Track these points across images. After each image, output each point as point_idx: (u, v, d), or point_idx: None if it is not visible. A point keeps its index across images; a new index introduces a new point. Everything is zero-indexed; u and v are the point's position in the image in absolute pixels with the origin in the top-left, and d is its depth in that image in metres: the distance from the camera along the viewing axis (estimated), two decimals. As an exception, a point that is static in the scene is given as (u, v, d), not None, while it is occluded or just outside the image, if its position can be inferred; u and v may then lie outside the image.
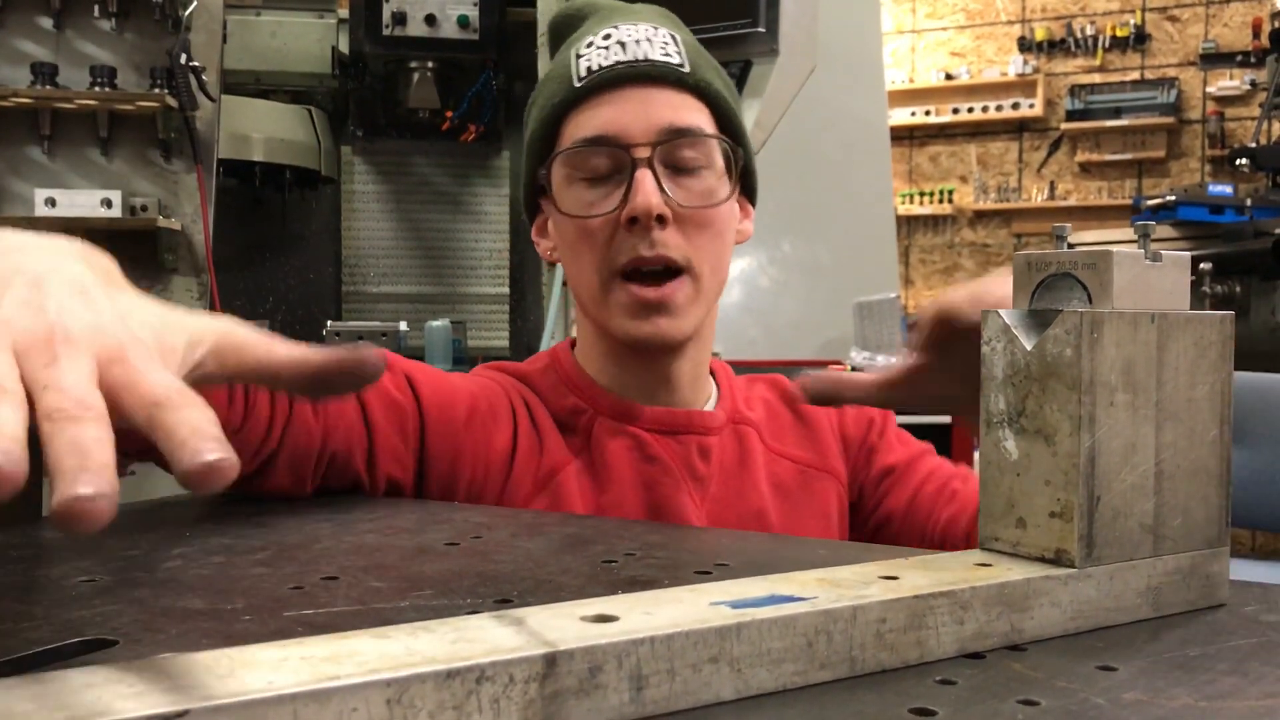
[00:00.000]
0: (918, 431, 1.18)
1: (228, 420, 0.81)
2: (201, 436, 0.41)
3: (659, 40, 1.01)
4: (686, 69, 1.01)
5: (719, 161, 1.02)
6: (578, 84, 1.00)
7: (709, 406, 1.09)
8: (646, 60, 0.99)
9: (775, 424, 1.11)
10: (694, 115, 1.01)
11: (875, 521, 1.10)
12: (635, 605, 0.44)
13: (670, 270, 0.98)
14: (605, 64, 0.99)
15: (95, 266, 0.51)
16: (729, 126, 1.04)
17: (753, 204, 1.12)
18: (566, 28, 1.11)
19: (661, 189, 0.97)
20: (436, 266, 3.75)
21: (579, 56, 1.01)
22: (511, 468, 0.99)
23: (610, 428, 1.02)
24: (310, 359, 0.54)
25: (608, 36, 1.01)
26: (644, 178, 0.96)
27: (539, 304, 3.64)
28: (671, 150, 0.98)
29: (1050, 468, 0.52)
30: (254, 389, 0.83)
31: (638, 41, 1.00)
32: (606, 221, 0.98)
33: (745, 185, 1.09)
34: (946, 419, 2.66)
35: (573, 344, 1.12)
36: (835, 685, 0.45)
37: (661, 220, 0.96)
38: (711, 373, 1.13)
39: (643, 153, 0.97)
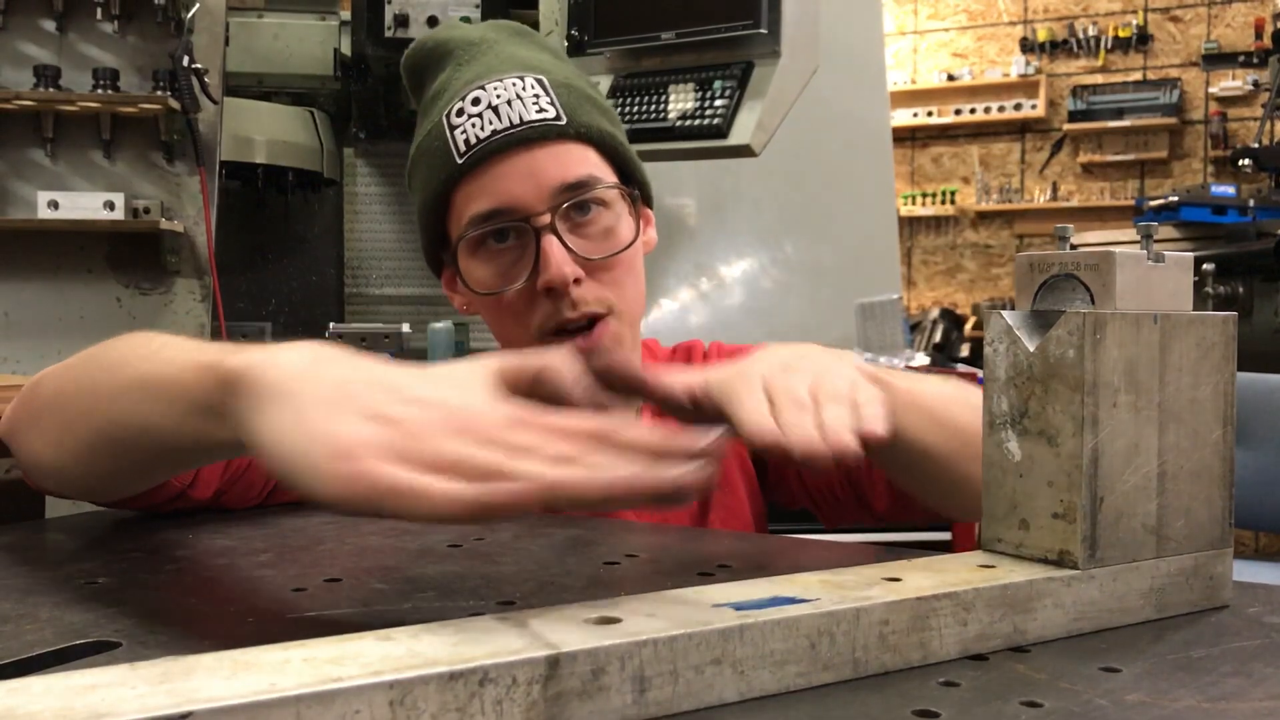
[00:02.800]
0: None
1: (239, 459, 0.82)
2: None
3: (529, 96, 0.98)
4: (563, 120, 0.98)
5: (615, 196, 1.01)
6: (460, 160, 0.97)
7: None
8: (523, 123, 0.97)
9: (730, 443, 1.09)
10: (580, 165, 0.98)
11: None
12: (638, 607, 0.44)
13: (593, 320, 0.98)
14: (483, 135, 0.97)
15: None
16: (615, 155, 1.02)
17: (650, 207, 1.09)
18: (424, 70, 1.08)
19: (568, 249, 0.96)
20: (439, 268, 3.75)
21: (453, 127, 0.98)
22: None
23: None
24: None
25: (476, 102, 0.98)
26: (550, 245, 0.95)
27: (541, 305, 3.63)
28: (570, 208, 0.97)
29: (1053, 469, 0.52)
30: None
31: (509, 102, 0.97)
32: (521, 292, 0.97)
33: (643, 196, 1.06)
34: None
35: None
36: (838, 687, 0.45)
37: (577, 280, 0.96)
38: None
39: (542, 220, 0.95)
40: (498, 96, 0.98)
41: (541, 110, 0.98)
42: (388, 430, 0.49)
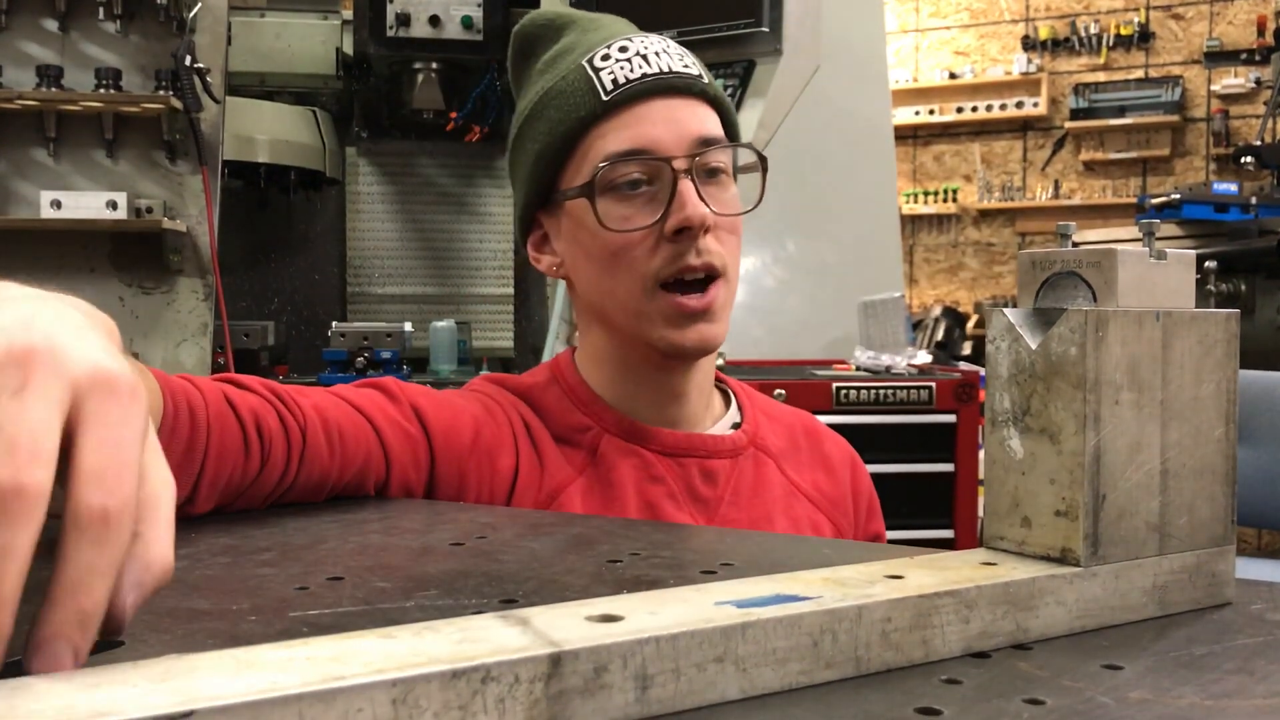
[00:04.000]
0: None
1: (245, 469, 0.82)
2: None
3: (675, 52, 1.03)
4: (705, 80, 1.03)
5: (730, 169, 1.05)
6: (605, 97, 1.00)
7: (722, 427, 1.09)
8: (672, 72, 1.01)
9: (799, 459, 1.11)
10: (715, 124, 1.03)
11: None
12: (640, 605, 0.44)
13: (710, 276, 1.00)
14: (633, 76, 1.00)
15: (97, 320, 0.47)
16: (734, 134, 1.07)
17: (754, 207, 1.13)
18: (538, 40, 1.10)
19: (701, 198, 0.98)
20: (441, 267, 3.75)
21: (597, 70, 1.01)
22: (514, 489, 0.99)
23: (617, 446, 1.03)
24: None
25: (624, 49, 1.01)
26: (687, 188, 0.97)
27: (543, 304, 3.64)
28: (703, 159, 1.00)
29: (1055, 466, 0.52)
30: (266, 428, 0.84)
31: (658, 54, 1.02)
32: (647, 234, 0.98)
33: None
34: (950, 419, 2.65)
35: (572, 353, 1.11)
36: (841, 685, 0.45)
37: (705, 229, 0.98)
38: (729, 392, 1.13)
39: (681, 164, 0.98)
40: (645, 47, 1.02)
41: (687, 66, 1.03)
42: None
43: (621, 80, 1.00)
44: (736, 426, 1.09)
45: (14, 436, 0.37)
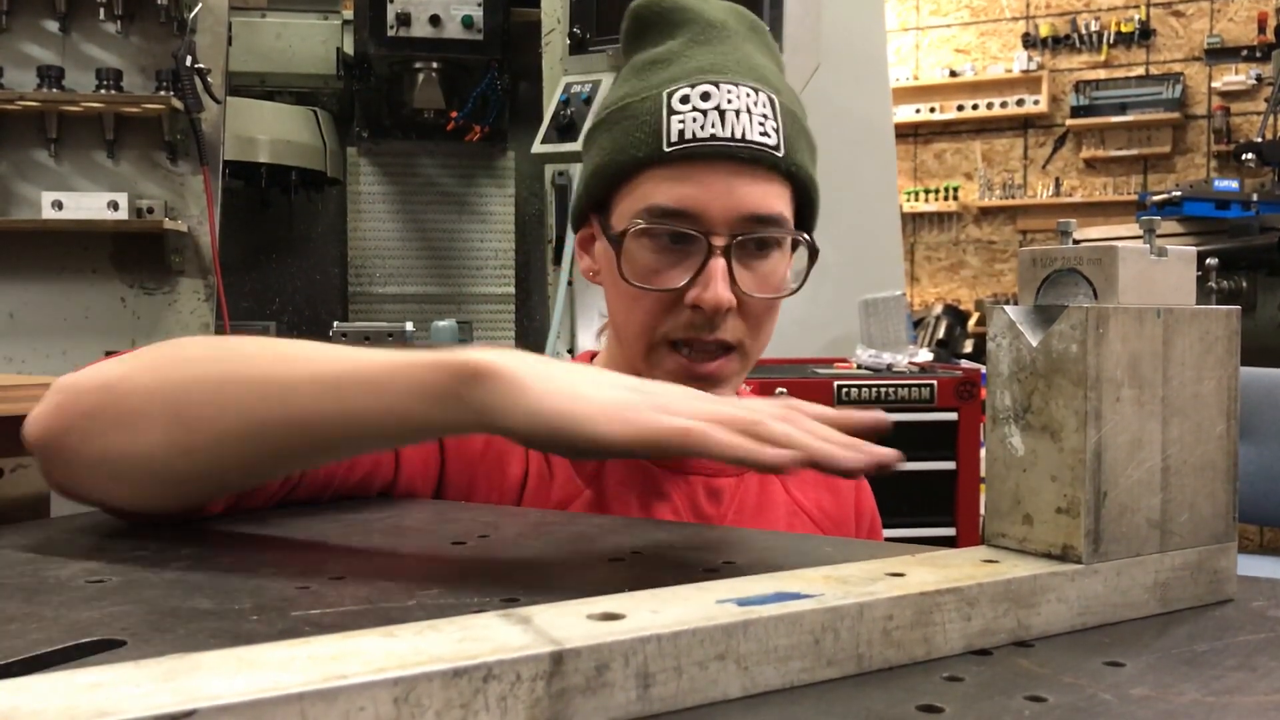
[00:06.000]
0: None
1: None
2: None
3: (758, 113, 0.96)
4: (781, 152, 0.96)
5: (788, 243, 1.00)
6: (667, 148, 0.94)
7: None
8: (743, 142, 0.94)
9: (801, 474, 1.09)
10: (776, 201, 0.97)
11: None
12: (642, 603, 0.44)
13: (723, 347, 0.97)
14: (701, 135, 0.94)
15: None
16: (808, 209, 1.02)
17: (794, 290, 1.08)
18: (650, 26, 1.04)
19: (732, 277, 0.94)
20: (442, 267, 3.75)
21: (672, 112, 0.95)
22: (521, 498, 0.99)
23: (624, 460, 1.01)
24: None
25: (706, 97, 0.95)
26: (717, 269, 0.93)
27: (544, 303, 3.64)
28: (748, 240, 0.95)
29: (1056, 464, 0.52)
30: None
31: (738, 113, 0.95)
32: (667, 294, 0.95)
33: (810, 251, 1.06)
34: (951, 417, 2.65)
35: (591, 357, 1.10)
36: (842, 682, 0.45)
37: (728, 310, 0.95)
38: None
39: (719, 240, 0.94)
40: (728, 102, 0.95)
41: (765, 135, 0.96)
42: (646, 397, 0.65)
43: (689, 135, 0.94)
44: None
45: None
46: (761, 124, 0.95)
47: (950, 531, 2.65)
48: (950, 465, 2.65)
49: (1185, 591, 0.55)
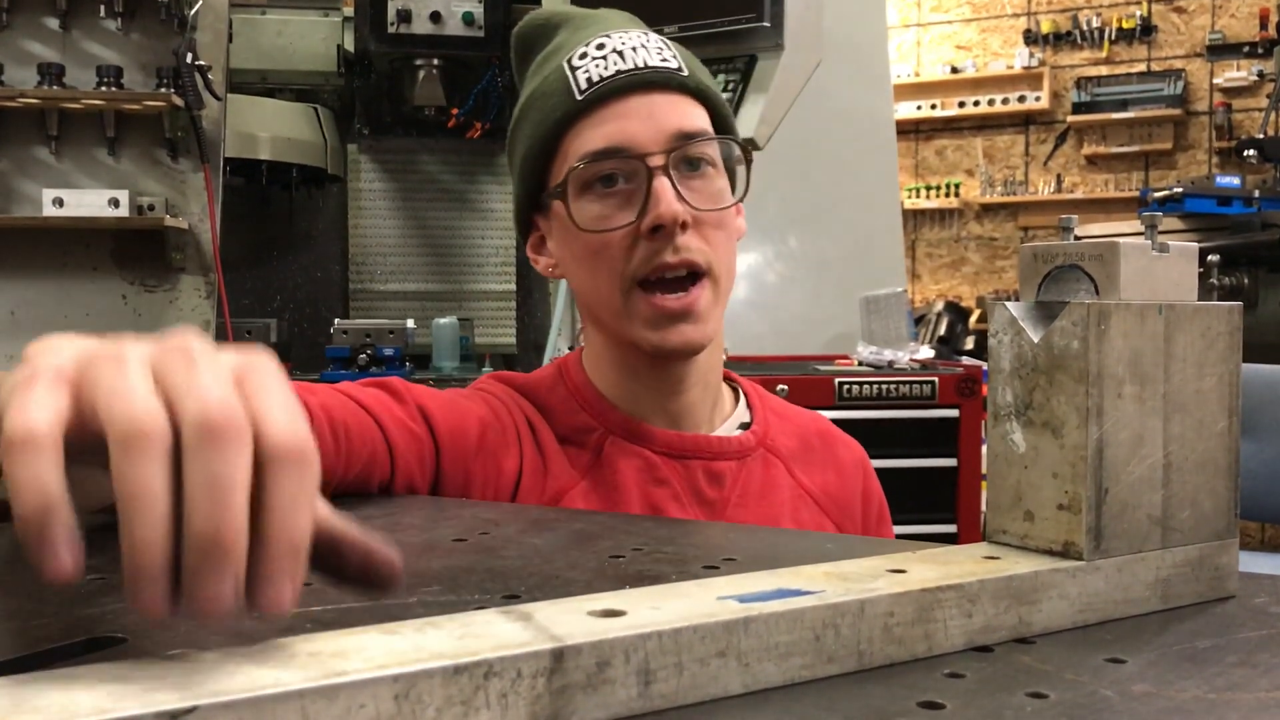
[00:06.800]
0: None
1: None
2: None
3: (654, 46, 1.01)
4: (685, 72, 1.01)
5: (719, 160, 1.02)
6: (580, 96, 0.98)
7: (730, 426, 1.09)
8: (648, 67, 0.99)
9: (809, 461, 1.10)
10: (697, 118, 1.00)
11: None
12: (643, 600, 0.44)
13: (692, 275, 0.98)
14: (606, 74, 0.98)
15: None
16: (725, 125, 1.05)
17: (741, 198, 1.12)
18: (536, 39, 1.10)
19: (679, 195, 0.96)
20: (443, 264, 3.75)
21: (574, 69, 1.00)
22: (517, 490, 0.99)
23: (621, 448, 1.02)
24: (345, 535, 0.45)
25: (601, 46, 1.00)
26: (663, 186, 0.95)
27: (545, 301, 3.64)
28: (683, 155, 0.98)
29: (1058, 460, 0.52)
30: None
31: (634, 49, 0.99)
32: (625, 233, 0.97)
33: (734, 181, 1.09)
34: (952, 414, 2.65)
35: (580, 353, 1.11)
36: (843, 679, 0.45)
37: (683, 225, 0.96)
38: (739, 391, 1.12)
39: (657, 160, 0.96)
40: (623, 43, 1.00)
41: (665, 60, 1.00)
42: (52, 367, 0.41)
43: (596, 78, 0.98)
44: (745, 426, 1.09)
45: (200, 389, 0.39)
46: (660, 52, 1.01)
47: (951, 528, 2.65)
48: (951, 462, 2.65)
49: (1187, 588, 0.55)
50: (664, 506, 1.00)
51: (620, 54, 0.99)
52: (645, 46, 1.00)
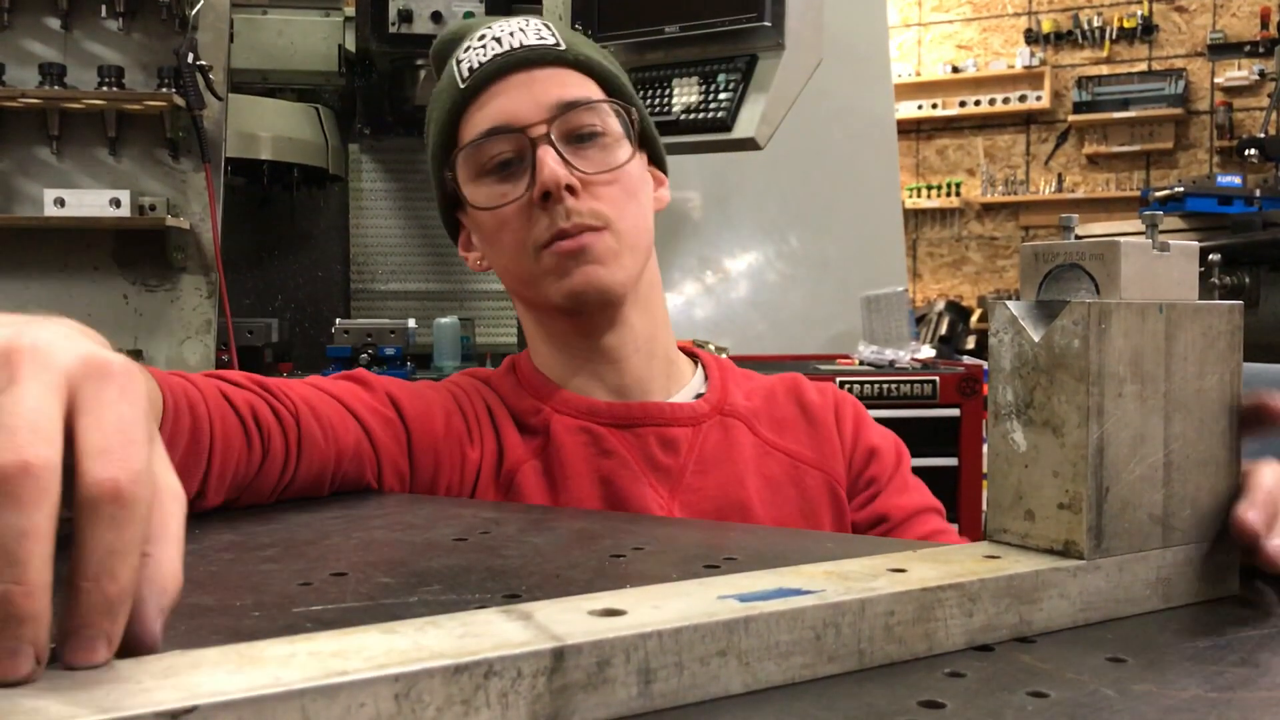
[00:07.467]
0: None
1: (249, 461, 0.82)
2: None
3: (532, 29, 1.04)
4: (563, 47, 1.03)
5: (616, 127, 1.04)
6: (463, 84, 1.02)
7: (685, 395, 1.08)
8: (523, 47, 1.02)
9: (775, 416, 1.09)
10: (580, 88, 1.03)
11: None
12: (643, 599, 0.44)
13: (589, 229, 1.00)
14: (484, 60, 1.02)
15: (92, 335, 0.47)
16: (619, 92, 1.06)
17: (664, 171, 1.12)
18: (449, 48, 1.12)
19: (565, 161, 0.98)
20: (444, 264, 3.75)
21: (459, 61, 1.04)
22: (480, 473, 1.00)
23: (566, 424, 1.03)
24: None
25: (482, 37, 1.03)
26: (545, 154, 0.98)
27: (546, 300, 3.63)
28: (566, 122, 1.00)
29: (1058, 459, 0.52)
30: (263, 419, 0.84)
31: (511, 34, 1.03)
32: (520, 206, 0.99)
33: (652, 153, 1.10)
34: (953, 413, 2.65)
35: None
36: (843, 678, 0.45)
37: (571, 190, 0.98)
38: (700, 364, 1.12)
39: (538, 130, 0.99)
40: (502, 30, 1.03)
41: (542, 39, 1.03)
42: None
43: (475, 65, 1.02)
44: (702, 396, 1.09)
45: (10, 421, 0.36)
46: (538, 33, 1.04)
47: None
48: (952, 461, 2.65)
49: (1187, 587, 0.55)
50: (614, 477, 1.00)
51: (498, 40, 1.03)
52: (524, 30, 1.03)
